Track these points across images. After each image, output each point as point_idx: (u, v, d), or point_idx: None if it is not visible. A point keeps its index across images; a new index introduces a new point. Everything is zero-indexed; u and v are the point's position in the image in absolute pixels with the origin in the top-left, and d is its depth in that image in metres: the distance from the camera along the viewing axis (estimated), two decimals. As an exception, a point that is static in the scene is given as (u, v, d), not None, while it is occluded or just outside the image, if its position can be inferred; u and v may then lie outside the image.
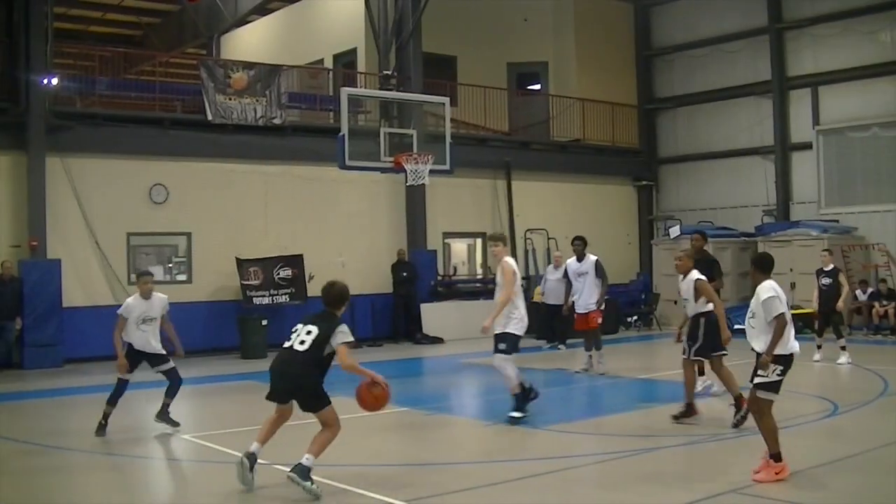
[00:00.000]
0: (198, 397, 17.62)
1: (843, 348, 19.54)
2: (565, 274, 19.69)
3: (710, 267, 14.66)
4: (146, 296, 13.26)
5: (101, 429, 12.69)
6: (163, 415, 13.26)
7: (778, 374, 9.88)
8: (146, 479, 10.98)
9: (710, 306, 13.08)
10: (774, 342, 9.73)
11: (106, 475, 10.93)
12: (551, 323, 23.66)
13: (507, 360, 13.38)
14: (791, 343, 9.90)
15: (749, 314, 10.15)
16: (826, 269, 19.97)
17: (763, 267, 10.32)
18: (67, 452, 11.87)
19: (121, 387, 13.07)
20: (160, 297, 13.55)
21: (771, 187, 30.36)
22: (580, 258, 18.82)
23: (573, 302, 18.78)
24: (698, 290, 12.98)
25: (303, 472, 9.25)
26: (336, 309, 10.08)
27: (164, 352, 13.51)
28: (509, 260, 13.44)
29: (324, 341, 9.62)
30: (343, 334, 9.75)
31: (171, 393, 13.43)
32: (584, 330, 18.76)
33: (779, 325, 9.75)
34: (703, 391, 14.89)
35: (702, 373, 14.59)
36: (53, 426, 13.77)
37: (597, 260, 18.76)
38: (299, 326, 9.85)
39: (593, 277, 18.56)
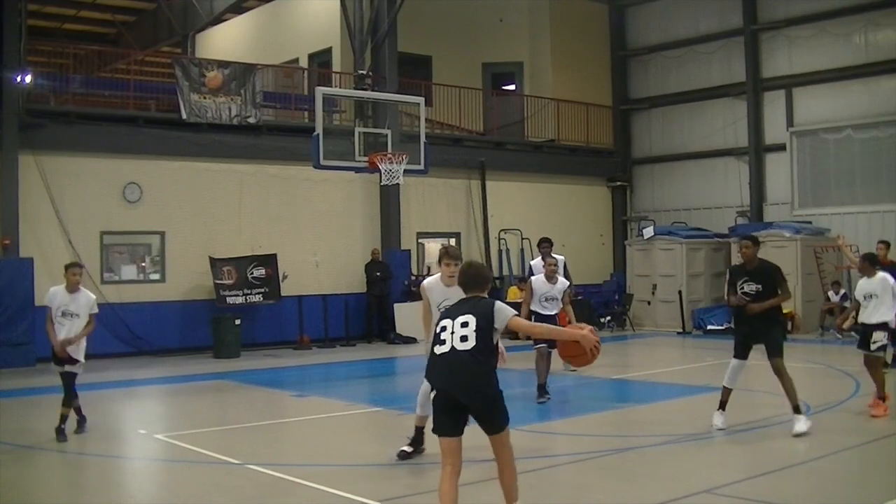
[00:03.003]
0: (170, 396, 17.60)
1: None
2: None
3: (769, 276, 12.74)
4: (72, 289, 12.64)
5: (61, 433, 12.40)
6: (60, 427, 12.53)
7: (885, 339, 13.57)
8: (118, 478, 10.92)
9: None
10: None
11: (77, 475, 10.88)
12: None
13: None
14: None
15: (867, 296, 13.65)
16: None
17: (875, 262, 14.05)
18: (39, 452, 11.80)
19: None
20: (87, 295, 12.81)
21: (745, 188, 30.48)
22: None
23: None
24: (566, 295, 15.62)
25: None
26: (482, 291, 7.97)
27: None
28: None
29: (488, 328, 7.60)
30: (505, 309, 7.71)
31: (66, 401, 12.63)
32: None
33: None
34: None
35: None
36: (25, 425, 13.69)
37: (564, 260, 18.79)
38: (446, 322, 7.74)
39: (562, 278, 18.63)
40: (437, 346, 7.70)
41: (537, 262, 18.91)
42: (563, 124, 32.05)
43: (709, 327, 26.96)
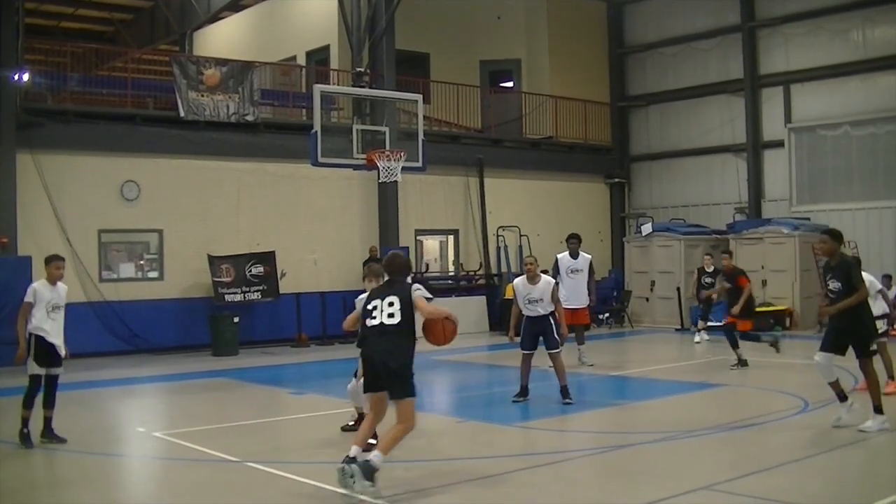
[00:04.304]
0: (169, 394, 17.60)
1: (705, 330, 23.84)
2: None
3: (847, 272, 12.05)
4: (54, 282, 12.17)
5: (26, 438, 11.92)
6: (48, 431, 12.26)
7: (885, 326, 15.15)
8: (117, 476, 10.93)
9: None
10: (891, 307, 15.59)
11: (76, 473, 10.87)
12: None
13: None
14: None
15: None
16: (708, 270, 23.45)
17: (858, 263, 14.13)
18: (38, 450, 11.79)
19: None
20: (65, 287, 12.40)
21: (743, 185, 30.50)
22: (574, 255, 19.10)
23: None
24: (554, 294, 14.79)
25: (367, 469, 8.87)
26: (403, 276, 10.00)
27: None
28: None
29: (409, 306, 9.46)
30: (420, 290, 9.68)
31: (50, 404, 12.15)
32: (571, 325, 18.89)
33: (882, 297, 15.41)
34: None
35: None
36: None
37: (591, 258, 19.24)
38: (377, 302, 9.58)
39: (587, 275, 18.98)
40: (369, 319, 9.53)
41: (563, 257, 19.15)
42: (560, 121, 32.04)
43: (707, 324, 26.92)
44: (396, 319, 9.39)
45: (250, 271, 23.90)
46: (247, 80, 24.90)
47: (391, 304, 9.46)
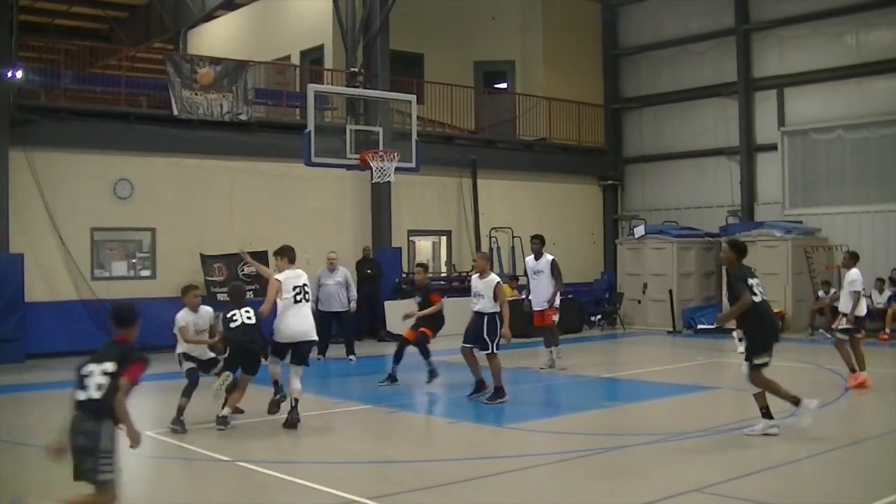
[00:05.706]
0: (160, 393, 17.53)
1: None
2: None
3: (729, 282, 12.83)
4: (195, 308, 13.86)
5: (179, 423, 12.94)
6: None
7: (849, 324, 15.86)
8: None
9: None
10: (854, 306, 15.87)
11: (69, 472, 10.86)
12: (328, 332, 21.61)
13: None
14: (862, 309, 16.06)
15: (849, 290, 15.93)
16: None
17: (855, 258, 16.23)
18: (29, 448, 11.78)
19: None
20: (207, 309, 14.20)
21: (736, 188, 30.52)
22: (537, 256, 19.02)
23: (530, 300, 19.06)
24: (496, 293, 14.75)
25: None
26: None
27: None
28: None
29: None
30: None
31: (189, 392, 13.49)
32: (540, 327, 18.97)
33: (854, 296, 15.81)
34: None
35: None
36: (15, 422, 13.67)
37: (553, 259, 19.01)
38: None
39: (548, 276, 18.80)
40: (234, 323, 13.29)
41: (529, 258, 19.13)
42: (554, 123, 32.06)
43: (699, 326, 26.96)
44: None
45: (242, 270, 23.85)
46: (241, 78, 24.90)
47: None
